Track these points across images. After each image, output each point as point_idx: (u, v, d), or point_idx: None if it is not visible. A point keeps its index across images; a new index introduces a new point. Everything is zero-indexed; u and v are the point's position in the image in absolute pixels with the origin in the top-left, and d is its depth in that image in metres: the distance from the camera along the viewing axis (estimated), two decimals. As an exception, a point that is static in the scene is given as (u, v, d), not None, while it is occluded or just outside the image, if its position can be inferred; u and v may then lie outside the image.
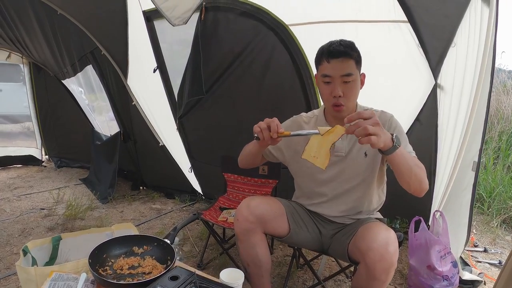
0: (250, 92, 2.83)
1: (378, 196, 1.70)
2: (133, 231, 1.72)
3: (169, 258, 1.42)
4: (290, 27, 2.44)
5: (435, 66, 2.18)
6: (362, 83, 1.57)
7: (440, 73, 2.20)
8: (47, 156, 5.29)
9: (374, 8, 2.16)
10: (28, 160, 5.10)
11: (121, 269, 1.39)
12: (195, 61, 2.51)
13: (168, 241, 1.48)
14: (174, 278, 1.22)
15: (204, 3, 2.46)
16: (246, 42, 2.60)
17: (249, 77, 2.75)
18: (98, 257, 1.40)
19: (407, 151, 1.42)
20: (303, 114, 1.77)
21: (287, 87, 2.65)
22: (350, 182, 1.63)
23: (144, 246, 1.51)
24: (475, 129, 2.08)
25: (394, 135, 1.28)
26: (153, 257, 1.46)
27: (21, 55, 4.63)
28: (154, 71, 3.08)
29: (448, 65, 2.15)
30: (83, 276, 1.23)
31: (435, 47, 2.11)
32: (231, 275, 1.30)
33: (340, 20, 2.24)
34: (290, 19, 2.42)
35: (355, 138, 1.29)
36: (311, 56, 2.46)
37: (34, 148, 5.17)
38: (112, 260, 1.43)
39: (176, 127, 3.30)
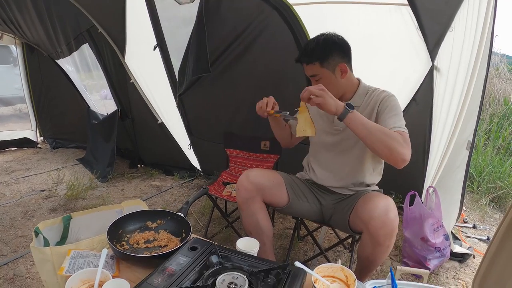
0: (251, 71, 2.88)
1: (373, 169, 1.81)
2: (143, 207, 1.76)
3: (183, 230, 1.48)
4: (294, 7, 2.47)
5: (433, 48, 2.25)
6: (343, 72, 1.69)
7: (437, 55, 2.27)
8: (42, 138, 5.26)
9: (376, -10, 2.21)
10: (23, 143, 5.08)
11: (138, 244, 1.44)
12: (200, 39, 2.52)
13: (182, 214, 1.55)
14: (193, 248, 1.28)
15: (208, -19, 2.47)
16: (249, 21, 2.63)
17: (251, 56, 2.79)
18: (114, 233, 1.44)
19: (394, 125, 1.53)
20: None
21: (289, 67, 2.67)
22: (346, 153, 1.77)
23: (158, 221, 1.56)
24: (470, 111, 2.15)
25: (346, 102, 1.49)
26: (167, 231, 1.52)
27: (13, 36, 4.55)
28: (154, 48, 3.09)
29: (445, 48, 2.22)
30: (104, 251, 1.26)
31: (433, 30, 2.18)
32: (247, 243, 1.38)
33: (343, 1, 2.29)
34: (294, -2, 2.46)
35: None
36: (313, 34, 2.48)
37: (28, 130, 5.14)
38: (128, 236, 1.48)
39: (175, 105, 3.34)
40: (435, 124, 2.43)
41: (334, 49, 1.66)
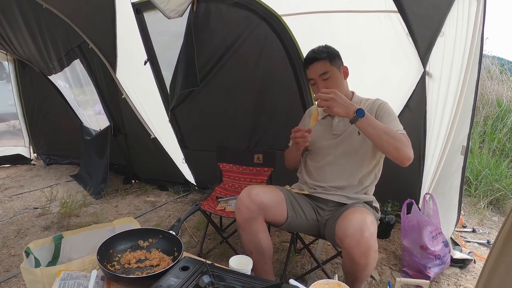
0: (243, 82, 2.87)
1: (371, 174, 1.82)
2: (134, 225, 1.73)
3: (175, 249, 1.44)
4: (283, 17, 2.47)
5: (424, 54, 2.24)
6: (346, 74, 1.83)
7: (429, 61, 2.26)
8: (35, 154, 5.21)
9: (365, -2, 2.20)
10: (17, 159, 5.02)
11: (129, 263, 1.40)
12: (189, 52, 2.50)
13: (173, 233, 1.50)
14: (185, 268, 1.24)
15: (196, -6, 2.46)
16: (238, 32, 2.62)
17: (242, 67, 2.78)
18: (105, 253, 1.40)
19: (395, 129, 1.64)
20: (313, 106, 2.10)
21: (280, 76, 2.70)
22: (344, 156, 1.79)
23: (149, 239, 1.52)
24: (463, 115, 2.14)
25: (358, 108, 1.54)
26: (159, 250, 1.47)
27: (5, 52, 4.53)
28: (145, 63, 3.06)
29: (436, 54, 2.22)
30: (94, 273, 1.24)
31: (424, 36, 2.17)
32: (240, 262, 1.34)
33: (331, 11, 2.28)
34: (282, 9, 2.45)
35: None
36: (303, 45, 2.50)
37: (22, 147, 5.08)
38: (119, 255, 1.43)
39: (168, 119, 3.30)
40: (429, 130, 2.41)
41: (337, 53, 1.79)
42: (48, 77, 4.41)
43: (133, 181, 4.08)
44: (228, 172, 2.61)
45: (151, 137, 3.54)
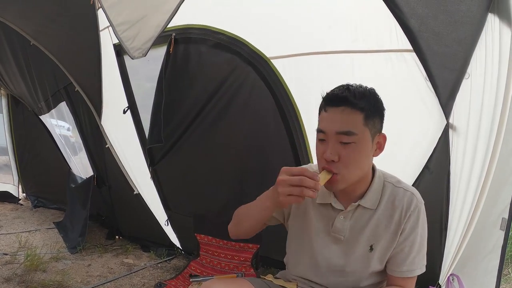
0: (227, 140, 2.38)
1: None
2: None
3: None
4: (272, 61, 2.00)
5: (446, 102, 1.75)
6: (380, 148, 1.11)
7: (453, 111, 1.78)
8: (24, 194, 4.77)
9: (373, 35, 1.74)
10: (5, 197, 4.60)
11: None
12: (158, 101, 2.04)
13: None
14: None
15: (174, 35, 2.02)
16: (221, 79, 2.15)
17: (226, 121, 2.30)
18: None
19: (412, 268, 1.09)
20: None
21: (271, 131, 2.20)
22: (344, 274, 1.15)
23: None
24: (500, 179, 1.65)
25: None
26: None
27: (-1, 86, 4.23)
28: (124, 112, 2.62)
29: (461, 101, 1.73)
30: None
31: (445, 79, 1.69)
32: None
33: (332, 51, 1.81)
34: (272, 51, 1.99)
35: (361, 223, 1.10)
36: (296, 93, 2.02)
37: (10, 185, 4.68)
38: None
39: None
40: (453, 196, 1.88)
41: (381, 109, 1.09)
42: (40, 116, 4.01)
43: (116, 237, 3.48)
44: (206, 246, 2.08)
45: (134, 192, 3.00)
